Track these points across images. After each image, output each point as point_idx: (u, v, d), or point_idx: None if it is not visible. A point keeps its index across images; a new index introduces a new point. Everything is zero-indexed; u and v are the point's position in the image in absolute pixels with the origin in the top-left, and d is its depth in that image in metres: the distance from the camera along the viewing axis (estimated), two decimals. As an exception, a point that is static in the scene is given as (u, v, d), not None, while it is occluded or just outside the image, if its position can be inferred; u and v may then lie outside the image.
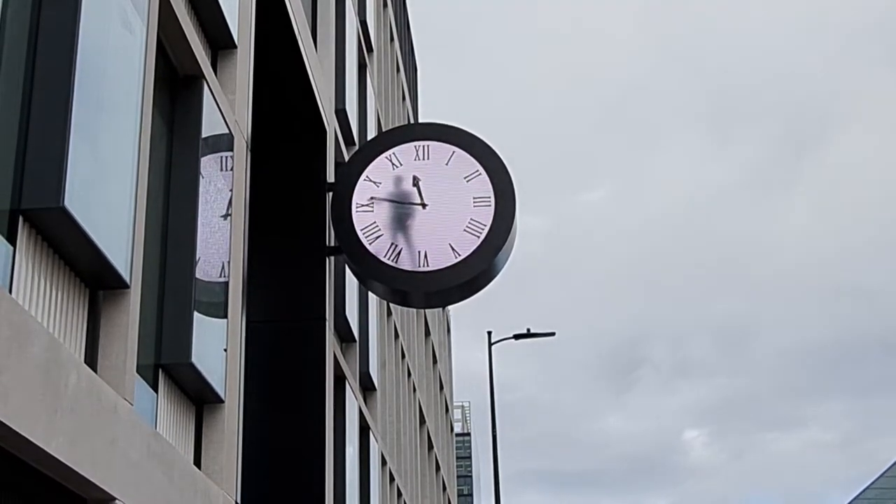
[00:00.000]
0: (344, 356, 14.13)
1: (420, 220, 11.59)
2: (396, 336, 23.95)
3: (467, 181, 11.76)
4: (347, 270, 13.25)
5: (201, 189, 7.48)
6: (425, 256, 11.38)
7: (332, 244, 12.38)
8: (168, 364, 7.00)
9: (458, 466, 56.05)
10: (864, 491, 49.99)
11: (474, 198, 11.66)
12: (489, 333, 32.30)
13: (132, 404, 5.88)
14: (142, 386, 6.51)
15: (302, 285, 12.43)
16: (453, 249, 11.39)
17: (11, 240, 4.98)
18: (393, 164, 11.95)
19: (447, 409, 40.41)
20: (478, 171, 11.80)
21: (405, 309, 26.05)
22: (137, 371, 6.20)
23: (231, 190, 8.31)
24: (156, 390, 6.88)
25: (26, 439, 4.55)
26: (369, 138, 17.64)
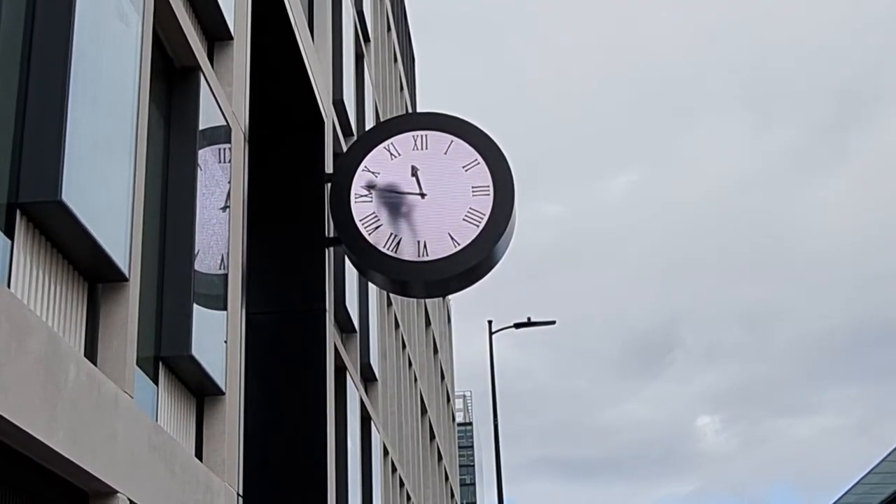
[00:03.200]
0: (344, 347, 14.13)
1: (419, 210, 11.59)
2: (397, 326, 23.95)
3: (466, 170, 11.76)
4: (347, 261, 13.25)
5: (199, 181, 7.46)
6: (425, 246, 11.38)
7: (332, 235, 12.36)
8: (168, 356, 7.00)
9: (460, 456, 56.14)
10: (866, 475, 50.08)
11: (473, 187, 11.65)
12: (489, 323, 32.34)
13: (132, 397, 5.88)
14: (142, 379, 6.50)
15: (301, 276, 12.42)
16: (452, 239, 11.39)
17: (9, 234, 4.97)
18: (391, 154, 11.93)
19: (448, 399, 40.45)
20: (476, 160, 11.79)
21: (405, 299, 26.05)
22: (137, 364, 6.20)
23: (229, 182, 8.30)
24: (156, 383, 6.88)
25: (27, 433, 4.55)
26: (367, 129, 17.62)
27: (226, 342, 7.81)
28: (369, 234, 11.47)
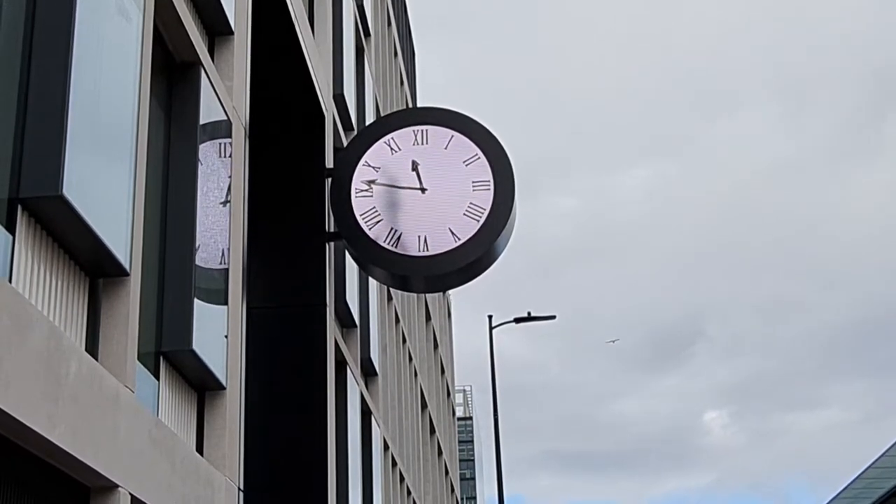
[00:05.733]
0: (345, 341, 14.14)
1: (419, 205, 11.58)
2: (397, 321, 23.96)
3: (466, 165, 11.75)
4: (347, 256, 13.25)
5: (200, 176, 7.47)
6: (425, 241, 11.37)
7: (332, 230, 12.37)
8: (169, 351, 7.01)
9: (460, 450, 56.24)
10: (865, 470, 50.12)
11: (473, 182, 11.64)
12: (489, 318, 32.38)
13: (133, 392, 5.89)
14: (143, 373, 6.51)
15: (302, 271, 12.43)
16: (453, 234, 11.39)
17: (11, 229, 4.97)
18: (392, 148, 11.93)
19: (449, 394, 40.48)
20: (476, 154, 11.78)
21: (406, 294, 26.06)
22: (138, 359, 6.20)
23: (230, 176, 8.30)
24: (157, 378, 6.89)
25: (28, 428, 4.56)
26: (368, 123, 17.62)
27: (226, 337, 7.82)
28: (369, 229, 11.47)
